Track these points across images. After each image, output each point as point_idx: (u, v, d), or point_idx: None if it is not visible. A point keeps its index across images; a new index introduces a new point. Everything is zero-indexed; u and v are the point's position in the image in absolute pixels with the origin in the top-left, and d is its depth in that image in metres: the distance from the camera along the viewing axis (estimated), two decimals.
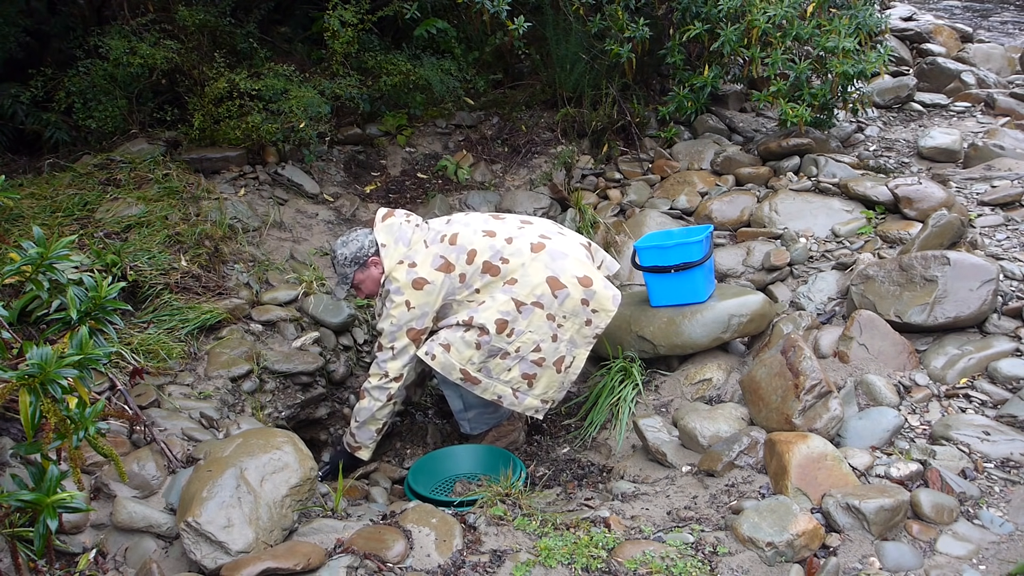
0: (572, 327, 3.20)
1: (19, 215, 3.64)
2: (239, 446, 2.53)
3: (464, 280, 3.18)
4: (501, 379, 3.20)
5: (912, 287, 3.28)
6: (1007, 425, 2.77)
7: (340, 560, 2.27)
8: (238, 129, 4.36)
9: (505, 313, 3.13)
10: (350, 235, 3.30)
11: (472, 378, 3.18)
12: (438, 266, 3.18)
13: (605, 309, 3.21)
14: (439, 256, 3.19)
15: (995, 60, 6.60)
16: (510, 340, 3.14)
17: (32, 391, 1.96)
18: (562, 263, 3.19)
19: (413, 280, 3.16)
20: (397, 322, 3.18)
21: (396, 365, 3.23)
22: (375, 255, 3.25)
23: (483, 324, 3.12)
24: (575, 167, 5.11)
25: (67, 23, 4.94)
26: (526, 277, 3.15)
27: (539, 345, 3.17)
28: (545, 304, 3.15)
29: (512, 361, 3.18)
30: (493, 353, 3.16)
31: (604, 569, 2.30)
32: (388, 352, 3.22)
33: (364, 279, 3.28)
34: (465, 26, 5.54)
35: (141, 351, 3.09)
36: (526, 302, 3.13)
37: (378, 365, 3.25)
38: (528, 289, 3.14)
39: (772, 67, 4.62)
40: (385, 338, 3.22)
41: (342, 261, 3.26)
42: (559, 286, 3.15)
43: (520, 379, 3.21)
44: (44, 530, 1.99)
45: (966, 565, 2.25)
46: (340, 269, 3.28)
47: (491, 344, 3.14)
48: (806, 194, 4.40)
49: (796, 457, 2.58)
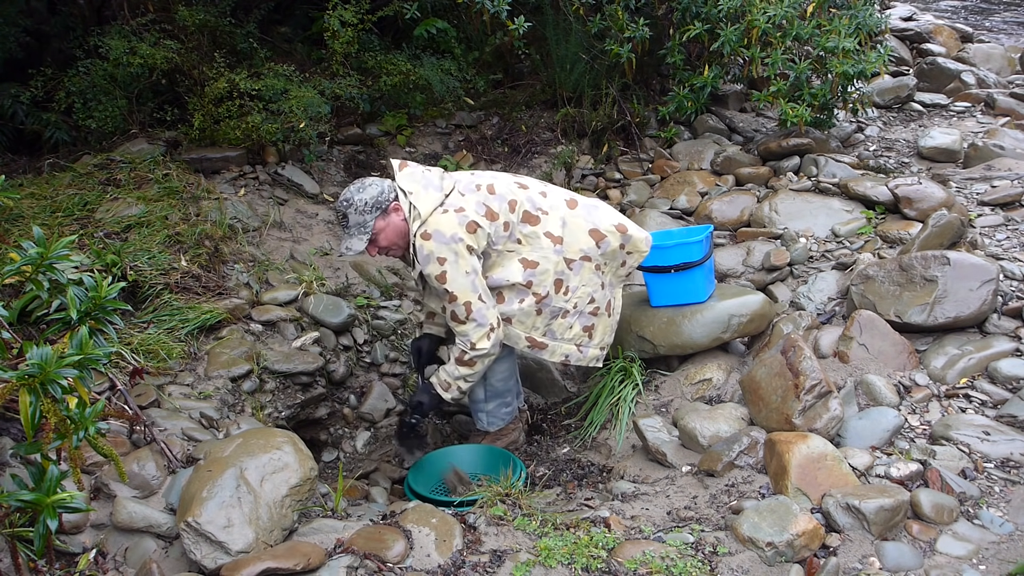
0: (610, 270, 3.30)
1: (19, 215, 3.64)
2: (239, 446, 2.53)
3: (508, 229, 3.10)
4: (565, 338, 3.24)
5: (912, 287, 3.28)
6: (1007, 425, 2.77)
7: (340, 560, 2.27)
8: (238, 129, 4.36)
9: (560, 273, 3.16)
10: (365, 181, 3.10)
11: (538, 343, 3.21)
12: (483, 212, 3.04)
13: (639, 251, 3.31)
14: (482, 203, 3.06)
15: (995, 60, 6.60)
16: (567, 298, 3.19)
17: (32, 391, 1.96)
18: (597, 214, 3.26)
19: (467, 224, 3.00)
20: (470, 270, 2.99)
21: (493, 312, 3.07)
22: (396, 201, 3.06)
23: (539, 285, 3.12)
24: (575, 167, 5.11)
25: (67, 23, 4.93)
26: (571, 235, 3.18)
27: (592, 296, 3.24)
28: (592, 256, 3.21)
29: (572, 318, 3.23)
30: (555, 314, 3.19)
31: (604, 569, 2.30)
32: (479, 304, 3.01)
33: (385, 227, 3.06)
34: (465, 26, 5.54)
35: (141, 351, 3.09)
36: (575, 258, 3.18)
37: (477, 325, 3.03)
38: (576, 246, 3.18)
39: (772, 67, 4.62)
40: (467, 292, 2.99)
41: (361, 208, 3.02)
42: (601, 236, 3.22)
43: (581, 333, 3.27)
44: (44, 530, 1.99)
45: (966, 565, 2.25)
46: (357, 217, 3.03)
47: (552, 306, 3.17)
48: (806, 194, 4.41)
49: (796, 457, 2.58)
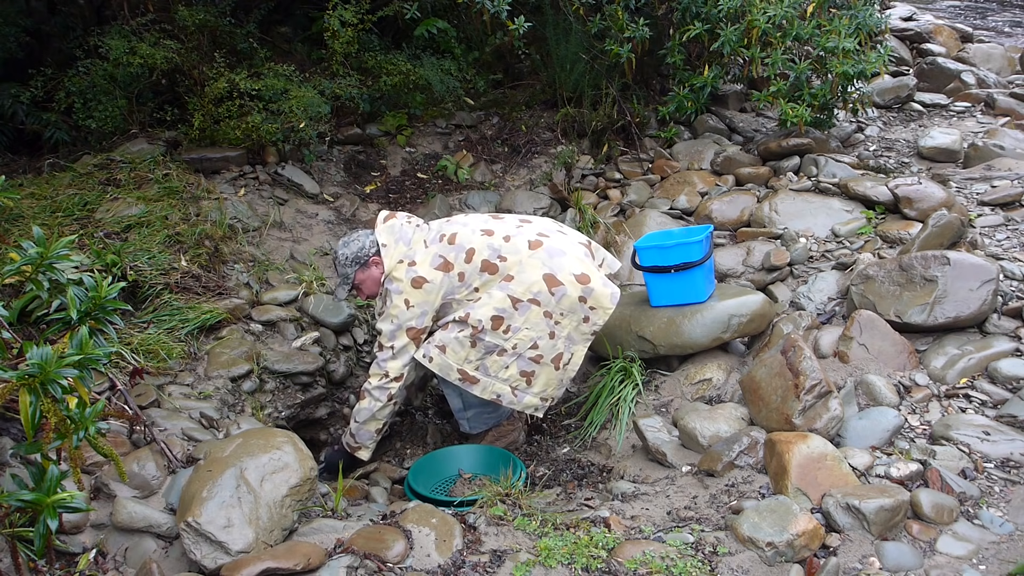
0: (570, 324, 3.19)
1: (19, 215, 3.64)
2: (239, 446, 2.53)
3: (463, 279, 3.19)
4: (499, 377, 3.20)
5: (912, 287, 3.28)
6: (1007, 425, 2.77)
7: (340, 560, 2.27)
8: (238, 129, 4.36)
9: (501, 310, 3.13)
10: (351, 236, 3.32)
11: (470, 377, 3.19)
12: (437, 265, 3.19)
13: (603, 307, 3.20)
14: (438, 255, 3.20)
15: (995, 60, 6.60)
16: (506, 337, 3.14)
17: (32, 391, 1.96)
18: (560, 260, 3.18)
19: (412, 279, 3.17)
20: (397, 321, 3.18)
21: (396, 364, 3.22)
22: (376, 255, 3.26)
23: (479, 320, 3.12)
24: (575, 167, 5.11)
25: (67, 23, 4.93)
26: (522, 274, 3.15)
27: (536, 342, 3.17)
28: (542, 301, 3.14)
29: (509, 359, 3.18)
30: (490, 350, 3.16)
31: (604, 569, 2.30)
32: (388, 351, 3.21)
33: (365, 279, 3.30)
34: (465, 26, 5.54)
35: (141, 351, 3.09)
36: (522, 299, 3.13)
37: (378, 365, 3.25)
38: (524, 286, 3.14)
39: (772, 67, 4.62)
40: (385, 337, 3.21)
41: (343, 261, 3.27)
42: (556, 283, 3.14)
43: (518, 376, 3.21)
44: (44, 530, 1.99)
45: (966, 565, 2.25)
46: (341, 269, 3.29)
47: (487, 341, 3.14)
48: (806, 194, 4.40)
49: (796, 457, 2.58)
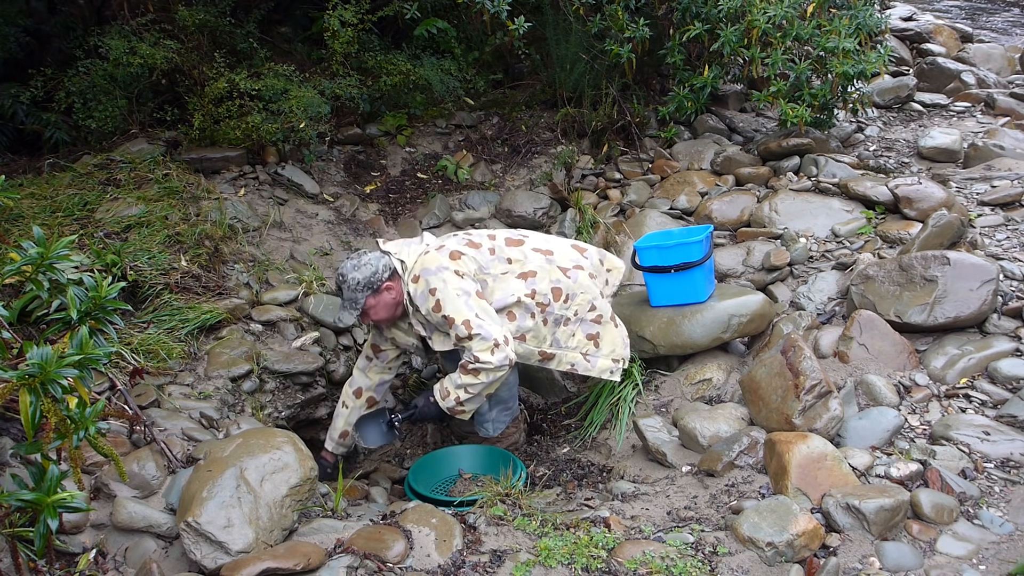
0: (600, 283, 3.39)
1: (19, 215, 3.64)
2: (239, 446, 2.53)
3: (494, 253, 3.21)
4: (569, 346, 3.27)
5: (912, 287, 3.28)
6: (1007, 425, 2.77)
7: (340, 560, 2.27)
8: (238, 129, 4.36)
9: (556, 281, 3.23)
10: (362, 258, 3.16)
11: (547, 355, 3.25)
12: (464, 243, 3.21)
13: (617, 267, 3.47)
14: (462, 238, 3.26)
15: (995, 60, 6.60)
16: (567, 306, 3.24)
17: (32, 391, 1.96)
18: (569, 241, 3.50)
19: (449, 253, 3.11)
20: (461, 292, 3.00)
21: (497, 328, 3.01)
22: (389, 280, 3.14)
23: (544, 295, 3.19)
24: (575, 167, 5.11)
25: (67, 23, 4.93)
26: (557, 248, 3.34)
27: (593, 303, 3.29)
28: (584, 265, 3.33)
29: (574, 325, 3.27)
30: (558, 321, 3.23)
31: (604, 569, 2.30)
32: (478, 322, 2.96)
33: (375, 304, 3.15)
34: (465, 26, 5.54)
35: (141, 351, 3.09)
36: (568, 267, 3.27)
37: (482, 340, 2.96)
38: (566, 256, 3.31)
39: (772, 67, 4.62)
40: (464, 312, 2.97)
41: (353, 286, 3.10)
42: (582, 249, 3.42)
43: (586, 341, 3.29)
44: (44, 530, 1.99)
45: (966, 565, 2.25)
46: (350, 294, 3.11)
47: (555, 314, 3.21)
48: (806, 194, 4.40)
49: (796, 457, 2.58)
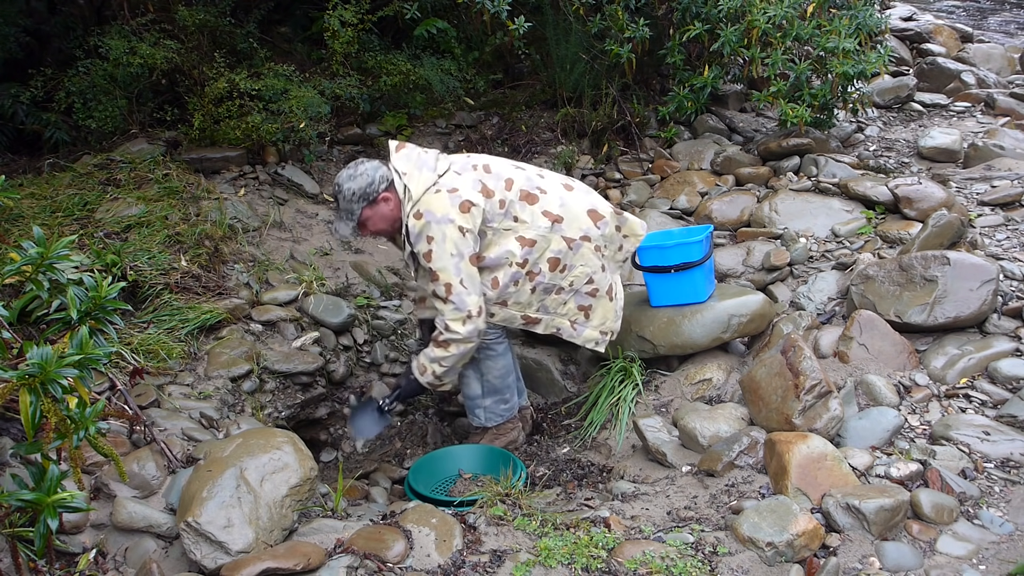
0: (610, 254, 3.32)
1: (19, 215, 3.64)
2: (239, 446, 2.53)
3: (503, 206, 3.10)
4: (559, 312, 3.27)
5: (912, 287, 3.28)
6: (1007, 425, 2.77)
7: (340, 560, 2.27)
8: (238, 129, 4.36)
9: (557, 251, 3.17)
10: (358, 167, 3.07)
11: (532, 319, 3.25)
12: (479, 189, 3.06)
13: (635, 234, 3.39)
14: (478, 180, 3.08)
15: (995, 60, 6.60)
16: (563, 276, 3.21)
17: (32, 391, 1.96)
18: (594, 197, 3.34)
19: (460, 203, 2.99)
20: (456, 251, 2.98)
21: (474, 299, 3.03)
22: (386, 191, 3.07)
23: (534, 264, 3.14)
24: (575, 167, 5.11)
25: (67, 23, 4.93)
26: (570, 214, 3.19)
27: (591, 277, 3.25)
28: (592, 236, 3.23)
29: (567, 295, 3.25)
30: (548, 289, 3.21)
31: (604, 569, 2.30)
32: (460, 288, 2.99)
33: (372, 215, 3.09)
34: (465, 26, 5.54)
35: (141, 351, 3.09)
36: (575, 238, 3.19)
37: (456, 308, 3.00)
38: (576, 225, 3.20)
39: (772, 67, 4.62)
40: (450, 274, 2.98)
41: (348, 196, 3.04)
42: (599, 217, 3.25)
43: (576, 311, 3.28)
44: (44, 530, 1.99)
45: (966, 565, 2.25)
46: (345, 204, 3.06)
47: (545, 283, 3.18)
48: (806, 194, 4.40)
49: (796, 457, 2.58)
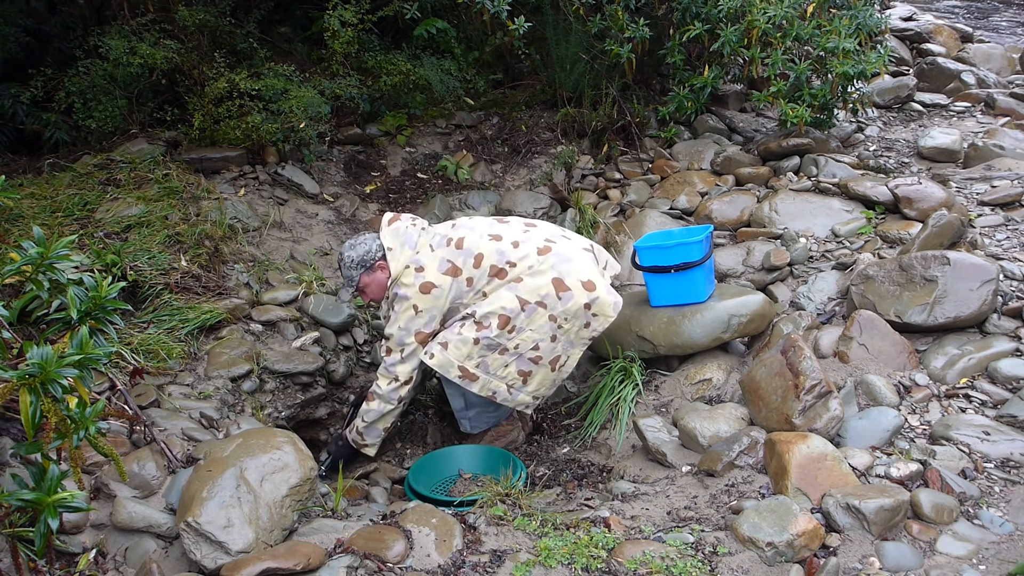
0: (572, 328, 3.22)
1: (19, 215, 3.64)
2: (239, 446, 2.53)
3: (471, 284, 3.21)
4: (497, 375, 3.22)
5: (912, 287, 3.28)
6: (1007, 425, 2.77)
7: (340, 560, 2.27)
8: (238, 129, 4.36)
9: (509, 310, 3.14)
10: (357, 239, 3.35)
11: (470, 375, 3.20)
12: (445, 270, 3.20)
13: (605, 314, 3.24)
14: (446, 260, 3.21)
15: (995, 60, 6.60)
16: (510, 336, 3.17)
17: (32, 391, 1.96)
18: (568, 266, 3.21)
19: (421, 284, 3.19)
20: (405, 326, 3.21)
21: (406, 368, 3.26)
22: (382, 260, 3.29)
23: (485, 318, 3.14)
24: (575, 167, 5.11)
25: (67, 23, 4.93)
26: (532, 277, 3.18)
27: (538, 344, 3.19)
28: (548, 305, 3.16)
29: (510, 357, 3.20)
30: (492, 347, 3.17)
31: (604, 569, 2.30)
32: (397, 356, 3.25)
33: (369, 283, 3.32)
34: (465, 26, 5.54)
35: (141, 351, 3.09)
36: (530, 301, 3.15)
37: (387, 369, 3.28)
38: (533, 288, 3.16)
39: (772, 67, 4.62)
40: (394, 342, 3.25)
41: (348, 264, 3.30)
42: (564, 288, 3.16)
43: (516, 376, 3.24)
44: (45, 530, 1.99)
45: (966, 565, 2.25)
46: (346, 272, 3.32)
47: (491, 339, 3.15)
48: (806, 194, 4.40)
49: (796, 457, 2.58)
